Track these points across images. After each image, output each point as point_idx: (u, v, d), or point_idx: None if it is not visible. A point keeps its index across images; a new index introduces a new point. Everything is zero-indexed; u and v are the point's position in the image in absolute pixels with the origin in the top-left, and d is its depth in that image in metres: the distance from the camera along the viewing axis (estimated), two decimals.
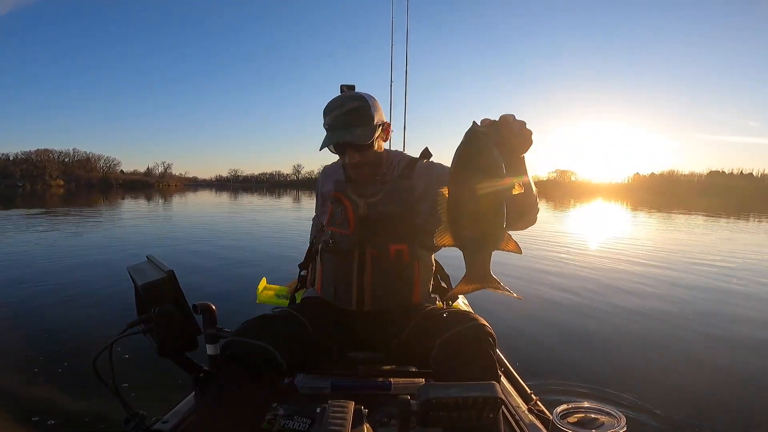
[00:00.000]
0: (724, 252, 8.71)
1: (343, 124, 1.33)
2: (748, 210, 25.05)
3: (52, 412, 2.33)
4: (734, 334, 3.81)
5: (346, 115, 1.33)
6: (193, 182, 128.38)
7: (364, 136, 1.33)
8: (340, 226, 1.41)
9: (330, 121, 1.34)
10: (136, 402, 1.11)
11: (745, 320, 4.23)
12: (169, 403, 1.42)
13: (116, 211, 18.65)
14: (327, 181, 1.55)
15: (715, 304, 4.79)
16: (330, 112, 1.34)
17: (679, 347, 3.48)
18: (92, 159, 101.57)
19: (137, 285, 1.00)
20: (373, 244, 1.36)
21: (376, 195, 1.41)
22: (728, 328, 3.97)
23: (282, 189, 75.23)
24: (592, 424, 0.85)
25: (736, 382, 2.89)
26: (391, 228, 1.37)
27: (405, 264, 1.37)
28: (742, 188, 55.43)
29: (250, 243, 9.00)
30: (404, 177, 1.43)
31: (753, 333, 3.85)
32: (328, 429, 0.67)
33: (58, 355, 3.04)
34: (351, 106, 1.33)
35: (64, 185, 76.27)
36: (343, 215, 1.41)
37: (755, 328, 4.00)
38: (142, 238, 9.51)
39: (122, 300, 4.24)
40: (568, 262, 7.25)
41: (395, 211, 1.38)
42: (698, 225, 15.48)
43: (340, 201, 1.43)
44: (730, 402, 2.63)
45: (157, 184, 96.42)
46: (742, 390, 2.78)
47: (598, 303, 4.68)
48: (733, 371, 3.07)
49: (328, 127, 1.35)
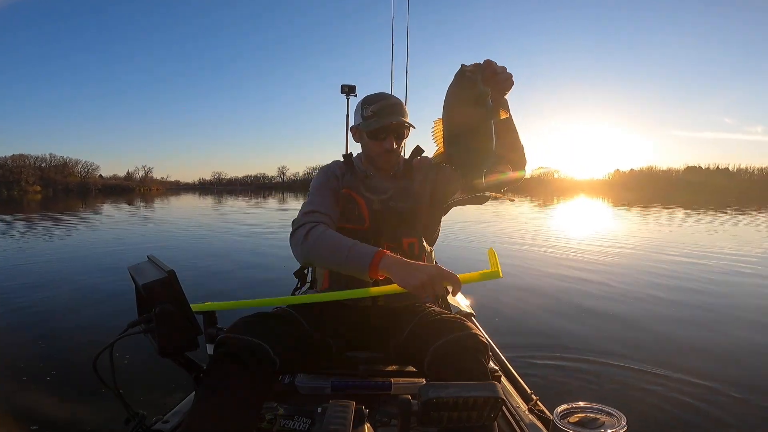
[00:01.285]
0: (724, 248, 8.71)
1: (393, 111, 1.45)
2: (725, 204, 25.17)
3: (52, 412, 2.34)
4: (734, 334, 3.81)
5: (393, 105, 1.46)
6: (176, 186, 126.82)
7: (409, 122, 1.47)
8: (354, 222, 1.45)
9: (377, 108, 1.45)
10: (136, 402, 1.11)
11: (746, 322, 4.23)
12: (170, 404, 1.42)
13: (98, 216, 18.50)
14: (336, 177, 1.52)
15: (717, 300, 4.78)
16: (377, 101, 1.46)
17: (679, 347, 3.48)
18: (69, 164, 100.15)
19: (138, 285, 1.00)
20: (388, 237, 1.43)
21: (387, 192, 1.49)
22: (728, 328, 3.96)
23: (267, 191, 74.98)
24: (593, 424, 0.85)
25: (739, 381, 2.89)
26: (403, 222, 1.46)
27: (416, 256, 1.44)
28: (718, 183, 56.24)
29: (250, 243, 9.02)
30: (407, 177, 1.54)
31: (753, 333, 3.85)
32: (329, 429, 0.67)
33: (58, 355, 3.05)
34: (395, 100, 1.48)
35: (41, 191, 75.08)
36: (358, 211, 1.45)
37: (755, 329, 4.00)
38: (141, 239, 9.52)
39: (122, 300, 4.25)
40: (568, 261, 7.25)
41: (405, 207, 1.47)
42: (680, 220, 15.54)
43: (352, 198, 1.47)
44: (731, 401, 2.63)
45: (138, 189, 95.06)
46: (744, 388, 2.78)
47: (598, 303, 4.68)
48: (734, 369, 3.07)
49: (373, 114, 1.45)
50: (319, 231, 1.29)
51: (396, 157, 1.50)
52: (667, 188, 51.80)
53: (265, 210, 21.06)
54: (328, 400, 0.75)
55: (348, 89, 2.63)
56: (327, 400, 0.75)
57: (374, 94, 1.51)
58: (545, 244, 9.17)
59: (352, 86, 2.64)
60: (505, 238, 9.99)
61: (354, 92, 2.62)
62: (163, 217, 17.14)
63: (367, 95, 1.52)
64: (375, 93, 1.52)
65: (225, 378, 1.08)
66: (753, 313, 4.44)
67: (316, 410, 0.75)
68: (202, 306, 1.35)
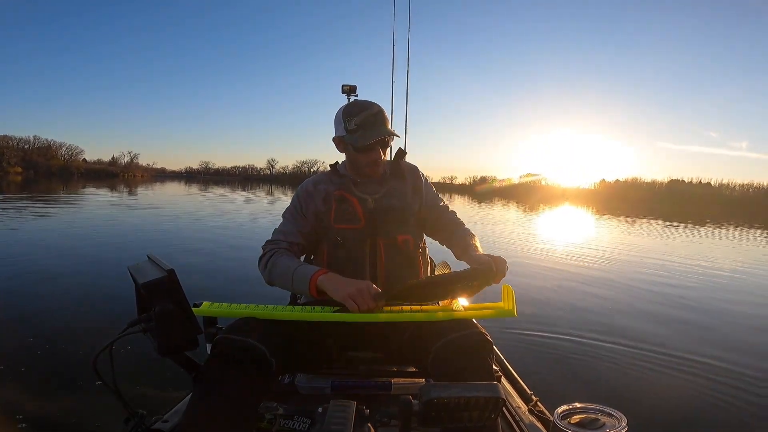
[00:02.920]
0: (723, 258, 8.70)
1: (377, 123, 1.44)
2: (704, 217, 25.31)
3: (51, 411, 2.33)
4: (735, 334, 3.81)
5: (375, 115, 1.44)
6: (161, 173, 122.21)
7: (395, 133, 1.48)
8: (349, 222, 1.46)
9: (361, 121, 1.43)
10: (136, 401, 1.11)
11: (746, 322, 4.23)
12: (169, 403, 1.41)
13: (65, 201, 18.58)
14: (317, 191, 1.53)
15: (715, 304, 4.78)
16: (360, 112, 1.44)
17: (679, 347, 3.48)
18: (53, 147, 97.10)
19: (138, 284, 0.99)
20: (383, 235, 1.46)
21: (379, 192, 1.52)
22: (729, 328, 3.96)
23: (255, 183, 74.59)
24: (593, 425, 0.84)
25: (739, 381, 2.89)
26: (396, 220, 1.49)
27: (411, 252, 1.49)
28: (700, 196, 57.29)
29: (250, 242, 9.00)
30: (396, 177, 1.57)
31: (754, 333, 3.85)
32: (330, 429, 0.67)
33: (58, 355, 3.04)
34: (376, 108, 1.46)
35: (22, 172, 72.98)
36: (352, 211, 1.46)
37: (756, 329, 4.00)
38: (140, 236, 9.51)
39: (122, 299, 4.24)
40: (567, 263, 7.25)
41: (398, 205, 1.50)
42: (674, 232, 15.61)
43: (346, 198, 1.48)
44: (731, 401, 2.63)
45: (122, 175, 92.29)
46: (744, 388, 2.78)
47: (597, 303, 4.67)
48: (734, 369, 3.07)
49: (358, 127, 1.43)
50: (273, 259, 1.42)
51: (383, 165, 1.52)
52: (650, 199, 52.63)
53: (257, 201, 21.06)
54: (329, 400, 0.75)
55: (349, 89, 2.61)
56: (327, 401, 0.75)
57: (353, 103, 1.50)
58: (541, 245, 9.16)
59: (353, 86, 2.62)
60: (500, 238, 9.99)
61: (355, 92, 2.61)
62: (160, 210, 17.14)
63: (346, 105, 1.50)
64: (354, 102, 1.51)
65: (221, 379, 1.08)
66: (753, 313, 4.43)
67: (317, 410, 0.74)
68: (201, 310, 1.34)
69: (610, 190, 69.21)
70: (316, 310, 1.28)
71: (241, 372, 1.10)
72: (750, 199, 56.31)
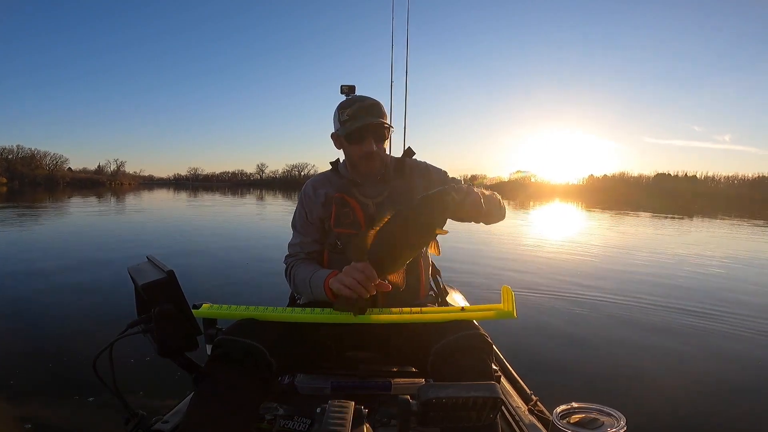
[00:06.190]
0: (731, 254, 8.71)
1: (369, 112, 1.42)
2: (691, 211, 25.36)
3: (52, 413, 2.34)
4: (734, 334, 3.81)
5: (368, 107, 1.43)
6: (149, 181, 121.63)
7: (387, 123, 1.45)
8: (349, 227, 1.43)
9: (352, 112, 1.42)
10: (136, 402, 1.11)
11: (745, 322, 4.23)
12: (169, 403, 1.42)
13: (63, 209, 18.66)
14: (316, 195, 1.52)
15: (713, 304, 4.78)
16: (351, 105, 1.44)
17: (679, 347, 3.48)
18: (37, 156, 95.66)
19: (137, 285, 1.00)
20: None
21: (381, 195, 1.47)
22: (728, 328, 3.96)
23: (245, 188, 74.49)
24: (593, 425, 0.85)
25: (738, 381, 2.89)
26: None
27: (414, 259, 1.43)
28: (686, 190, 57.86)
29: (250, 242, 9.00)
30: (401, 177, 1.50)
31: (753, 334, 3.85)
32: (328, 429, 0.67)
33: (58, 355, 3.04)
34: (370, 101, 1.45)
35: (6, 183, 71.41)
36: (353, 215, 1.43)
37: (755, 330, 4.00)
38: (139, 238, 9.51)
39: (122, 300, 4.24)
40: (566, 262, 7.25)
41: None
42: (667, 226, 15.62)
43: (346, 202, 1.44)
44: (730, 401, 2.63)
45: (109, 183, 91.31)
46: (744, 388, 2.78)
47: (597, 303, 4.68)
48: (734, 369, 3.07)
49: (349, 117, 1.42)
50: (293, 272, 1.47)
51: (379, 160, 1.46)
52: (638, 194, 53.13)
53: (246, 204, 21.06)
54: (328, 401, 0.75)
55: (348, 89, 2.61)
56: (327, 401, 0.75)
57: (350, 98, 1.50)
58: (538, 245, 9.17)
59: (352, 86, 2.62)
60: (496, 236, 9.99)
61: (354, 92, 2.61)
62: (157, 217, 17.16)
63: (342, 101, 1.49)
64: (351, 97, 1.51)
65: (221, 380, 1.08)
66: (753, 314, 4.44)
67: (316, 410, 0.74)
68: (201, 311, 1.34)
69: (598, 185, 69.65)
70: (315, 312, 1.28)
71: (242, 373, 1.10)
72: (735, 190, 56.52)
